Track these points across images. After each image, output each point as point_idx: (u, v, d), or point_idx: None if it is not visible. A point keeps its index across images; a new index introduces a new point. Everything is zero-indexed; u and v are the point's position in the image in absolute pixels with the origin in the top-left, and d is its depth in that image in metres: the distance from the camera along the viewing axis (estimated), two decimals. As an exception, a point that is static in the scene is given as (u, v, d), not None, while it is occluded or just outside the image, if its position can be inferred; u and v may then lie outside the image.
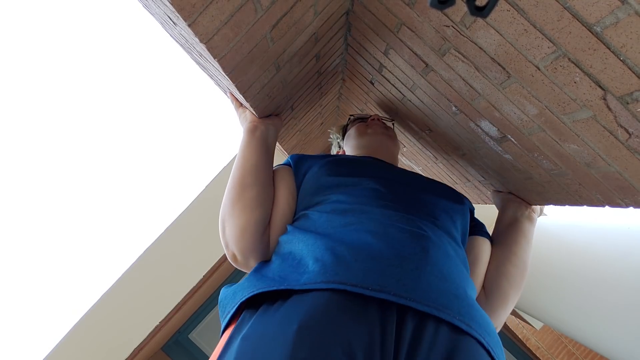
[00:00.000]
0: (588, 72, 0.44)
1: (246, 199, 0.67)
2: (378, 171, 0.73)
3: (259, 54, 0.64)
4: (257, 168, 0.71)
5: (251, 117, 0.80)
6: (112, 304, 2.24)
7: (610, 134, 0.49)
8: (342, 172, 0.70)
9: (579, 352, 3.31)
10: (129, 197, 2.68)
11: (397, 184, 0.69)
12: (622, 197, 0.59)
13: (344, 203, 0.62)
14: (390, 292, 0.47)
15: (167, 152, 2.79)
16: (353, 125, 0.97)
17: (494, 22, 0.49)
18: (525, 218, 0.84)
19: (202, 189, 2.35)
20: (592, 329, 1.54)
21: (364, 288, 0.47)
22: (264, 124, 0.79)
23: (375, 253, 0.52)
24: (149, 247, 2.30)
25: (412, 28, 0.65)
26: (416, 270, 0.51)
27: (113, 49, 2.45)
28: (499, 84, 0.59)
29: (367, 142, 0.88)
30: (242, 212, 0.66)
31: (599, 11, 0.38)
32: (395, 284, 0.48)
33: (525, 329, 3.32)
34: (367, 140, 0.88)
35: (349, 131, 0.97)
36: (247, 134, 0.76)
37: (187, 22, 0.47)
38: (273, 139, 0.80)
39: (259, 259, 0.65)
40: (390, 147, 0.88)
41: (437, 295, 0.49)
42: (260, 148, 0.74)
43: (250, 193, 0.68)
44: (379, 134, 0.89)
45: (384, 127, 0.94)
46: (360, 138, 0.89)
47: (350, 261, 0.50)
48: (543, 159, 0.68)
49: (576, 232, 1.71)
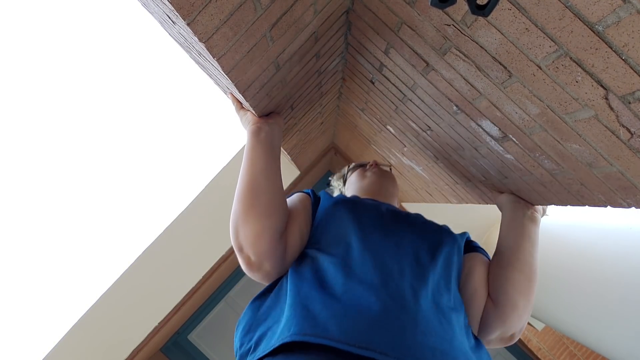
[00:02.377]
0: (590, 71, 0.44)
1: (260, 205, 0.67)
2: (378, 222, 0.74)
3: (259, 53, 0.64)
4: (267, 173, 0.71)
5: (253, 119, 0.79)
6: (111, 305, 2.24)
7: (612, 134, 0.49)
8: (344, 225, 0.71)
9: (580, 353, 3.30)
10: (128, 197, 2.68)
11: (393, 236, 0.71)
12: (624, 197, 0.59)
13: (339, 258, 0.64)
14: (376, 350, 0.49)
15: (167, 152, 2.79)
16: (353, 171, 1.04)
17: (495, 21, 0.49)
18: (528, 219, 0.82)
19: (202, 188, 2.34)
20: (593, 330, 1.54)
21: (350, 345, 0.49)
22: (267, 124, 0.78)
23: (365, 312, 0.54)
24: (148, 247, 2.30)
25: (412, 27, 0.65)
26: (402, 327, 0.53)
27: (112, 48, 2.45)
28: (500, 83, 0.59)
29: (368, 184, 0.93)
30: (258, 219, 0.66)
31: (600, 10, 0.38)
32: (383, 342, 0.50)
33: (526, 330, 3.31)
34: (367, 183, 0.94)
35: (349, 177, 1.03)
36: (251, 137, 0.75)
37: (186, 20, 0.46)
38: (278, 139, 0.79)
39: (274, 264, 0.66)
40: (390, 189, 0.94)
41: (421, 351, 0.50)
42: (267, 151, 0.73)
43: (263, 199, 0.68)
44: (379, 177, 0.94)
45: (382, 171, 1.00)
46: (361, 181, 0.95)
47: (333, 318, 0.53)
48: (544, 158, 0.67)
49: (578, 232, 1.71)
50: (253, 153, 0.73)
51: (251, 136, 0.75)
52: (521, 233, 0.79)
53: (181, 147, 2.94)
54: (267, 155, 0.73)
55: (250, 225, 0.66)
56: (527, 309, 0.72)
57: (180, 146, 2.94)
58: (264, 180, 0.70)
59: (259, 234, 0.65)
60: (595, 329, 1.51)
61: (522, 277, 0.73)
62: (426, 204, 1.92)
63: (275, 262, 0.66)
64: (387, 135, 1.36)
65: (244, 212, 0.67)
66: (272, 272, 0.67)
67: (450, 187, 1.32)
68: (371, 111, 1.25)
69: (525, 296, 0.72)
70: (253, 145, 0.74)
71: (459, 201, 1.39)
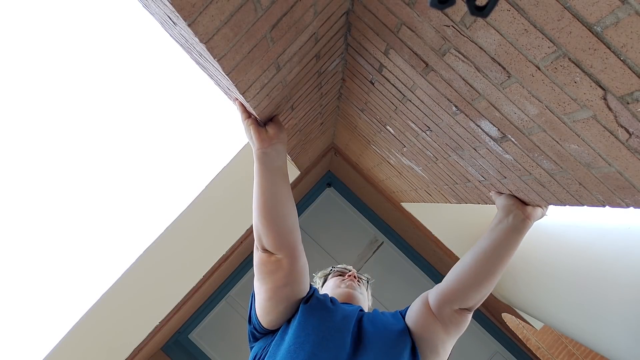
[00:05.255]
0: (588, 72, 0.44)
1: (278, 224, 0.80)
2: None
3: (259, 54, 0.64)
4: (279, 197, 0.80)
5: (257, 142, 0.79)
6: (112, 304, 2.24)
7: (611, 134, 0.49)
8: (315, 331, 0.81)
9: (579, 352, 3.31)
10: (129, 196, 2.68)
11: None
12: (622, 197, 0.59)
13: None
14: None
15: (168, 152, 2.79)
16: (333, 276, 1.19)
17: (494, 21, 0.49)
18: (515, 229, 0.83)
19: (203, 189, 2.34)
20: (592, 329, 1.54)
21: None
22: (271, 146, 0.80)
23: None
24: (148, 247, 2.30)
25: (412, 28, 0.65)
26: None
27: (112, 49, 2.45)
28: (499, 83, 0.59)
29: (341, 293, 1.09)
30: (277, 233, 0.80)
31: (599, 11, 0.38)
32: None
33: (525, 329, 3.32)
34: (340, 293, 1.09)
35: (328, 280, 1.19)
36: (258, 163, 0.80)
37: (187, 21, 0.47)
38: (283, 156, 0.83)
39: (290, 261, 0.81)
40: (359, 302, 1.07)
41: None
42: (275, 174, 0.80)
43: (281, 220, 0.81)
44: (351, 289, 1.10)
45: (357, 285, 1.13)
46: (336, 289, 1.11)
47: None
48: (543, 159, 0.68)
49: (576, 232, 1.71)
50: (262, 179, 0.80)
51: (258, 162, 0.80)
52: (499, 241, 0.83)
53: (182, 147, 2.94)
54: (275, 178, 0.80)
55: (272, 237, 0.80)
56: (475, 295, 0.83)
57: (181, 146, 2.94)
58: (276, 204, 0.80)
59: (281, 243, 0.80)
60: (594, 328, 1.51)
61: (478, 278, 0.83)
62: (426, 204, 1.93)
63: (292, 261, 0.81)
64: (386, 135, 1.36)
65: (265, 226, 0.79)
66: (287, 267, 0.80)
67: (449, 187, 1.32)
68: (371, 111, 1.25)
69: (475, 287, 0.83)
70: (261, 171, 0.80)
71: (458, 201, 1.39)
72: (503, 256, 0.83)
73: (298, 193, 2.92)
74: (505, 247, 0.83)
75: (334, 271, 1.22)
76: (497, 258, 0.82)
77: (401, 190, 2.11)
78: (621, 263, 1.32)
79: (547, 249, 1.82)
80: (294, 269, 0.81)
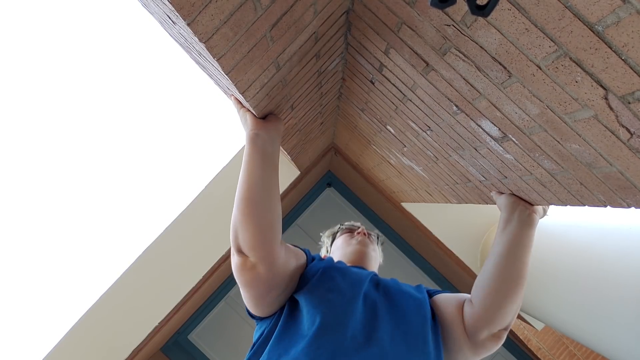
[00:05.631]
0: (589, 71, 0.44)
1: (258, 215, 0.72)
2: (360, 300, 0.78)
3: (259, 53, 0.64)
4: (263, 184, 0.74)
5: (252, 123, 0.78)
6: (111, 305, 2.24)
7: (612, 134, 0.49)
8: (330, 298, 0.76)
9: (580, 353, 3.30)
10: (128, 197, 2.68)
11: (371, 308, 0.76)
12: (623, 197, 0.59)
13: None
14: None
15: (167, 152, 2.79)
16: (342, 234, 1.12)
17: (495, 21, 0.49)
18: (523, 223, 0.82)
19: (202, 188, 2.34)
20: (593, 329, 1.54)
21: None
22: (265, 130, 0.78)
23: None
24: (148, 247, 2.29)
25: (412, 27, 0.65)
26: None
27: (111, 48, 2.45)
28: (500, 83, 0.59)
29: (352, 252, 1.02)
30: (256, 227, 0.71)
31: (600, 10, 0.38)
32: None
33: (526, 330, 3.31)
34: (351, 251, 1.02)
35: (337, 239, 1.12)
36: (249, 144, 0.75)
37: (186, 21, 0.46)
38: (276, 144, 0.79)
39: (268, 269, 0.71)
40: (371, 260, 1.02)
41: None
42: (264, 159, 0.75)
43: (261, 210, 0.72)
44: (363, 246, 1.03)
45: (368, 240, 1.07)
46: (346, 248, 1.04)
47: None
48: (544, 158, 0.68)
49: (577, 232, 1.71)
50: (250, 161, 0.74)
51: (249, 142, 0.76)
52: (512, 239, 0.81)
53: (181, 147, 2.94)
54: (264, 163, 0.74)
55: (250, 233, 0.70)
56: (511, 309, 0.77)
57: (180, 146, 2.94)
58: (260, 191, 0.73)
59: (257, 241, 0.70)
60: (595, 328, 1.51)
61: (505, 285, 0.77)
62: (426, 204, 1.93)
63: (268, 268, 0.71)
64: (387, 135, 1.36)
65: (243, 220, 0.71)
66: (264, 276, 0.71)
67: (450, 187, 1.32)
68: (371, 111, 1.25)
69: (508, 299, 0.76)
70: (250, 152, 0.75)
71: (459, 201, 1.39)
72: (521, 256, 0.80)
73: (298, 193, 2.92)
74: (521, 245, 0.80)
75: (342, 229, 1.15)
76: (517, 259, 0.79)
77: (401, 190, 2.11)
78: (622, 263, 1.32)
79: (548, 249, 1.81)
80: (273, 275, 0.72)
